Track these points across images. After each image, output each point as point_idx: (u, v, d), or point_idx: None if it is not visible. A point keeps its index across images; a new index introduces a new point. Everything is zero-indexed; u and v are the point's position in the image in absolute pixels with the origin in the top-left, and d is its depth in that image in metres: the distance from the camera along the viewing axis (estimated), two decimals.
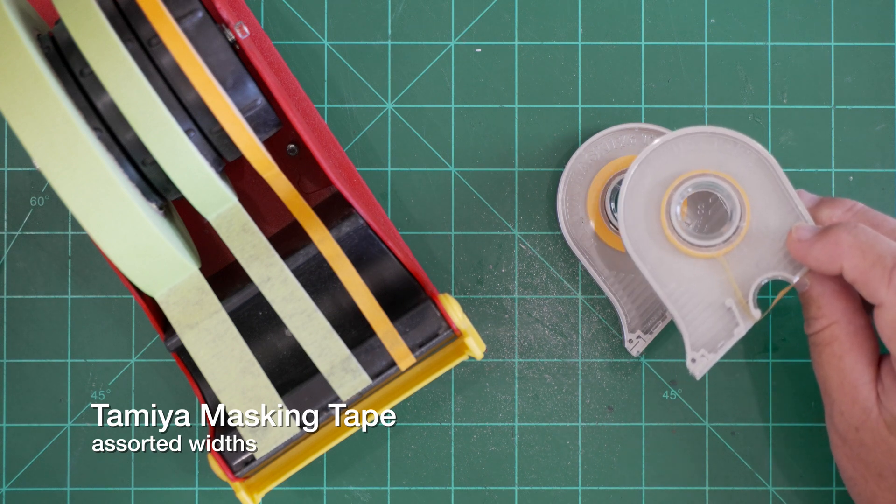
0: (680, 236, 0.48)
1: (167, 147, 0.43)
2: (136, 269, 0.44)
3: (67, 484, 0.53)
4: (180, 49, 0.43)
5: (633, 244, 0.48)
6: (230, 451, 0.47)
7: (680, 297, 0.48)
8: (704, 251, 0.48)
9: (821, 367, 0.48)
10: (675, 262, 0.48)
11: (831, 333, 0.47)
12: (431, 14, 0.54)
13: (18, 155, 0.54)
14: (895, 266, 0.44)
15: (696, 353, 0.48)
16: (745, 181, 0.48)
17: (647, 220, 0.48)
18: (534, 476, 0.54)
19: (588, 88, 0.54)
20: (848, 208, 0.48)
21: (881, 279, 0.44)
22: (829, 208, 0.48)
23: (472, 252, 0.54)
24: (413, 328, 0.47)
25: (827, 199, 0.48)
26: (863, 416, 0.47)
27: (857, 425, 0.47)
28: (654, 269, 0.48)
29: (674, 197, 0.48)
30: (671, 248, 0.48)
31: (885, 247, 0.45)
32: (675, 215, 0.48)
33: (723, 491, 0.54)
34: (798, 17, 0.54)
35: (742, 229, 0.48)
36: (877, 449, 0.47)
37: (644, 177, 0.48)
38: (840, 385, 0.47)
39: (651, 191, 0.48)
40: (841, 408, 0.47)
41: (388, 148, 0.54)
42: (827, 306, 0.47)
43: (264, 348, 0.48)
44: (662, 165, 0.48)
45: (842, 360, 0.47)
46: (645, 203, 0.48)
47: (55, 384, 0.53)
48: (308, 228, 0.48)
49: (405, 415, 0.54)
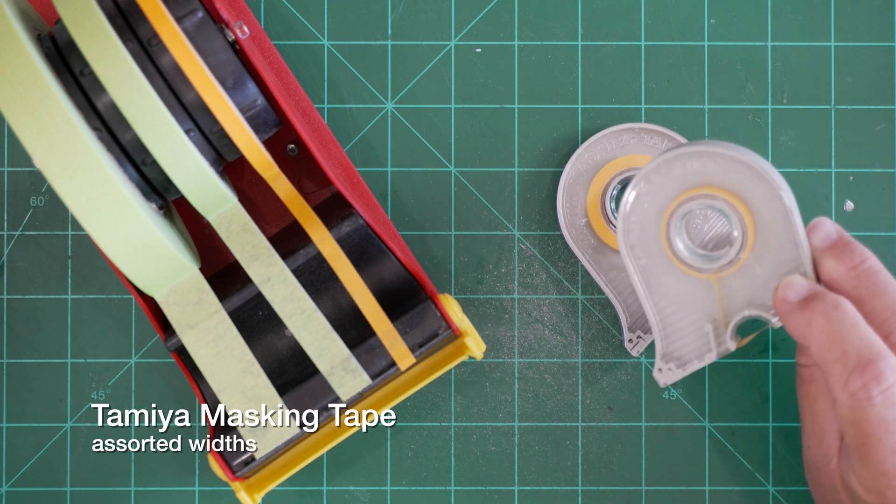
0: (676, 252, 0.47)
1: (167, 147, 0.43)
2: (136, 269, 0.44)
3: (67, 484, 0.53)
4: (180, 49, 0.43)
5: (628, 248, 0.48)
6: (230, 451, 0.47)
7: (664, 308, 0.48)
8: (699, 271, 0.47)
9: (800, 397, 0.48)
10: (666, 275, 0.48)
11: (810, 374, 0.47)
12: (431, 14, 0.54)
13: (18, 155, 0.54)
14: (855, 368, 0.42)
15: (665, 365, 0.48)
16: (757, 209, 0.46)
17: (644, 229, 0.47)
18: (534, 476, 0.54)
19: (588, 88, 0.54)
20: (854, 265, 0.45)
21: (838, 377, 0.43)
22: (836, 261, 0.45)
23: (472, 252, 0.54)
24: (413, 328, 0.47)
25: (840, 245, 0.45)
26: (824, 461, 0.47)
27: (819, 466, 0.47)
28: (644, 276, 0.48)
29: (677, 211, 0.47)
30: (665, 259, 0.47)
31: (855, 343, 0.43)
32: (676, 231, 0.47)
33: (723, 491, 0.54)
34: (798, 17, 0.54)
35: (740, 259, 0.46)
36: (830, 496, 0.47)
37: (651, 185, 0.47)
38: (811, 423, 0.47)
39: (656, 200, 0.47)
40: (808, 443, 0.47)
41: (388, 148, 0.54)
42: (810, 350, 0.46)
43: (264, 348, 0.48)
44: (674, 176, 0.47)
45: (815, 402, 0.47)
46: (647, 210, 0.47)
47: (55, 384, 0.53)
48: (308, 228, 0.48)
49: (405, 415, 0.54)
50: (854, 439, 0.43)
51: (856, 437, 0.43)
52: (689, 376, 0.54)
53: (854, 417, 0.43)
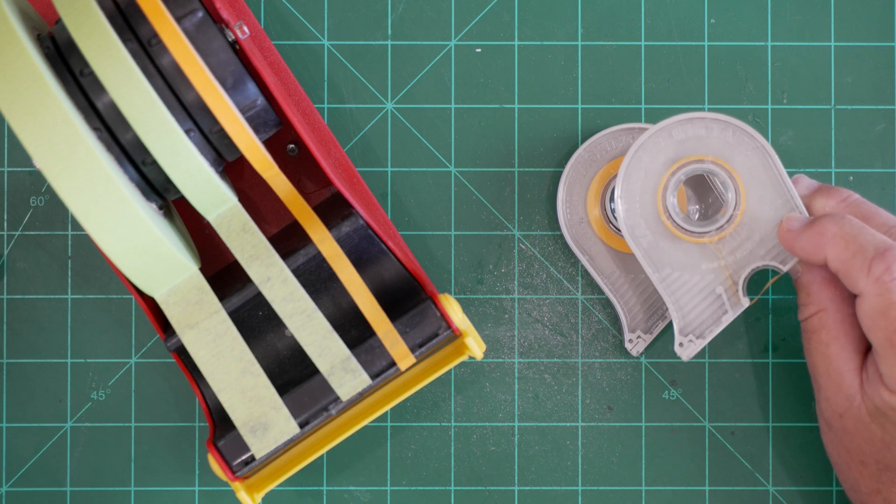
0: (675, 221, 0.49)
1: (167, 147, 0.43)
2: (136, 269, 0.44)
3: (67, 484, 0.53)
4: (180, 49, 0.43)
5: (630, 228, 0.49)
6: (230, 451, 0.47)
7: (673, 282, 0.49)
8: (698, 237, 0.49)
9: (809, 353, 0.49)
10: (670, 248, 0.49)
11: (819, 321, 0.48)
12: (431, 14, 0.54)
13: (18, 155, 0.54)
14: (875, 256, 0.45)
15: (685, 338, 0.49)
16: (742, 169, 0.49)
17: (643, 205, 0.49)
18: (534, 476, 0.54)
19: (588, 88, 0.54)
20: (843, 198, 0.48)
21: (861, 269, 0.45)
22: (825, 198, 0.49)
23: (472, 252, 0.54)
24: (413, 328, 0.47)
25: (824, 188, 0.49)
26: (846, 404, 0.47)
27: (841, 412, 0.47)
28: (649, 253, 0.49)
29: (670, 182, 0.49)
30: (666, 232, 0.49)
31: (868, 238, 0.45)
32: (671, 200, 0.49)
33: (723, 491, 0.54)
34: (798, 17, 0.54)
35: (736, 217, 0.49)
36: (859, 436, 0.47)
37: (641, 161, 0.49)
38: (826, 372, 0.48)
39: (648, 176, 0.49)
40: (826, 394, 0.48)
41: (388, 148, 0.54)
42: (816, 294, 0.48)
43: (264, 348, 0.48)
44: (660, 151, 0.49)
45: (828, 348, 0.48)
46: (641, 188, 0.49)
47: (55, 384, 0.53)
48: (308, 228, 0.48)
49: (405, 415, 0.54)
50: (884, 330, 0.45)
51: (885, 326, 0.45)
52: (688, 376, 0.54)
53: (881, 304, 0.45)
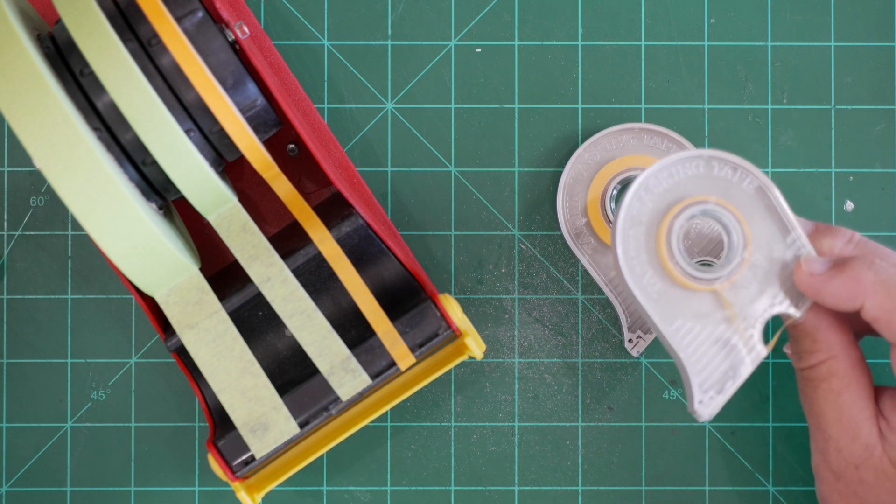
0: (681, 268, 0.45)
1: (167, 147, 0.43)
2: (136, 269, 0.44)
3: (67, 484, 0.53)
4: (180, 49, 0.43)
5: (634, 278, 0.46)
6: (230, 451, 0.47)
7: (685, 335, 0.46)
8: (706, 284, 0.45)
9: (815, 402, 0.46)
10: (678, 298, 0.46)
11: (829, 369, 0.45)
12: (431, 14, 0.54)
13: (18, 155, 0.54)
14: None
15: (705, 396, 0.45)
16: (746, 210, 0.46)
17: (647, 253, 0.46)
18: (534, 476, 0.54)
19: (588, 88, 0.54)
20: (848, 239, 0.46)
21: None
22: (830, 238, 0.46)
23: (472, 252, 0.54)
24: (413, 328, 0.47)
25: (823, 228, 0.46)
26: (864, 454, 0.45)
27: (858, 463, 0.45)
28: (657, 305, 0.46)
29: (674, 226, 0.45)
30: (672, 285, 0.46)
31: None
32: (676, 245, 0.45)
33: (723, 491, 0.54)
34: (798, 17, 0.54)
35: (744, 261, 0.45)
36: (879, 487, 0.45)
37: (643, 204, 0.46)
38: (838, 421, 0.45)
39: (650, 219, 0.46)
40: (838, 445, 0.45)
41: (388, 148, 0.54)
42: (824, 340, 0.45)
43: (264, 348, 0.48)
44: (661, 192, 0.46)
45: (840, 396, 0.45)
46: (645, 233, 0.46)
47: (55, 384, 0.53)
48: (308, 228, 0.48)
49: (405, 415, 0.54)
50: None
51: None
52: None
53: None
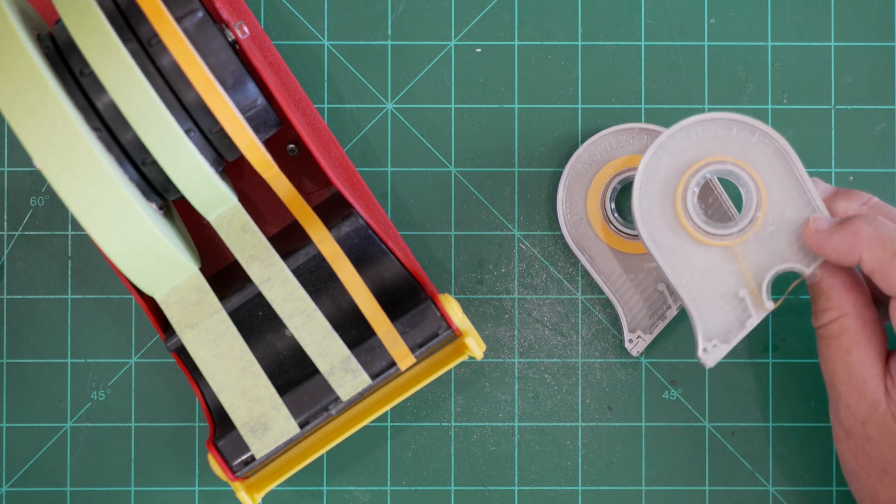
0: (695, 224, 0.48)
1: (167, 147, 0.43)
2: (136, 269, 0.44)
3: (67, 484, 0.53)
4: (180, 49, 0.43)
5: (649, 231, 0.48)
6: (230, 451, 0.47)
7: (694, 286, 0.48)
8: (719, 240, 0.48)
9: (828, 359, 0.48)
10: (690, 251, 0.48)
11: (840, 326, 0.47)
12: (431, 14, 0.54)
13: (18, 155, 0.54)
14: None
15: (709, 343, 0.48)
16: (762, 170, 0.48)
17: (662, 207, 0.48)
18: (534, 476, 0.54)
19: (588, 88, 0.54)
20: (864, 201, 0.48)
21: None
22: (846, 200, 0.48)
23: (472, 252, 0.54)
24: (413, 328, 0.47)
25: (843, 191, 0.48)
26: (870, 410, 0.47)
27: (864, 419, 0.47)
28: (669, 257, 0.48)
29: (690, 184, 0.48)
30: (686, 235, 0.48)
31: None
32: (691, 202, 0.48)
33: (723, 491, 0.54)
34: (798, 17, 0.54)
35: (758, 219, 0.48)
36: (883, 443, 0.46)
37: (660, 163, 0.48)
38: (847, 378, 0.47)
39: (667, 177, 0.48)
40: (847, 401, 0.47)
41: (388, 148, 0.54)
42: (837, 299, 0.47)
43: (264, 348, 0.48)
44: (679, 152, 0.48)
45: (850, 354, 0.47)
46: (661, 190, 0.48)
47: (55, 384, 0.53)
48: (308, 228, 0.48)
49: (405, 415, 0.54)
50: None
51: None
52: (689, 376, 0.54)
53: None
